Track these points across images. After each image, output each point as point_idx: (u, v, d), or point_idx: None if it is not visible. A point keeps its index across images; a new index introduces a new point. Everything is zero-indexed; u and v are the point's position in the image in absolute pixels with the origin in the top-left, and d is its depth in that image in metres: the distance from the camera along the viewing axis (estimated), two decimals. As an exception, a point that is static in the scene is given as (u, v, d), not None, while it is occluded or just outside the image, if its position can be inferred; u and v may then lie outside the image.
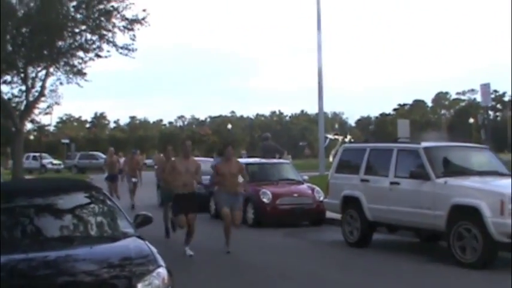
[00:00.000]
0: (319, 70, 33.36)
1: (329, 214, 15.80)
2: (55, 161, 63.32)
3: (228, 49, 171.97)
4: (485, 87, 21.69)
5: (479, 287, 9.43)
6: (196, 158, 14.51)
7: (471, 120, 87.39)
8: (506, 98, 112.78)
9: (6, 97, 32.25)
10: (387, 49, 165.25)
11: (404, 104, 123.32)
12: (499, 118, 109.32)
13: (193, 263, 11.50)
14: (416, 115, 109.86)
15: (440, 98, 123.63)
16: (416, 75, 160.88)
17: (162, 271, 5.90)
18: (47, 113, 35.89)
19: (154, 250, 6.25)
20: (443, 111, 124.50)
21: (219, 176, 12.62)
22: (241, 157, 25.54)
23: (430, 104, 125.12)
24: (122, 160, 25.65)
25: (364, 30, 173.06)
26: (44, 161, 60.33)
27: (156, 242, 7.17)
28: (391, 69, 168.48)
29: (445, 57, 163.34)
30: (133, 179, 22.47)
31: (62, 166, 60.90)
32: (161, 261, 6.04)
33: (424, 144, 12.23)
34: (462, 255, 10.54)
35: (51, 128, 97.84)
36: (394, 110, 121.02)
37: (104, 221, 7.09)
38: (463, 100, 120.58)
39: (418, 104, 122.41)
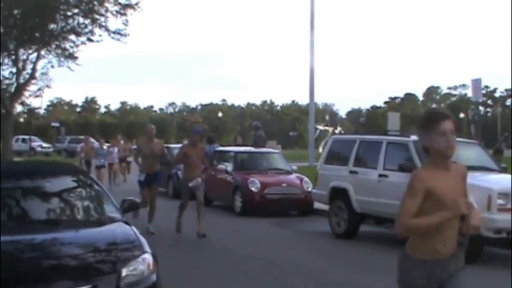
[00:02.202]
0: (311, 61, 33.33)
1: (317, 205, 15.85)
2: (44, 144, 63.02)
3: (221, 37, 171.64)
4: (477, 82, 21.79)
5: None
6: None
7: (462, 115, 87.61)
8: (497, 94, 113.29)
9: (-4, 79, 32.05)
10: (380, 41, 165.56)
11: (396, 98, 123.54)
12: (489, 114, 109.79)
13: (178, 249, 11.51)
14: (407, 109, 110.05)
15: (432, 92, 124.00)
16: (408, 68, 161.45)
17: (148, 257, 5.89)
18: (37, 96, 35.71)
19: (140, 236, 6.23)
20: (434, 106, 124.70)
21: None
22: (237, 144, 25.52)
23: (421, 98, 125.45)
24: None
25: (358, 21, 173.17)
26: (34, 144, 60.06)
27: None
28: (383, 62, 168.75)
29: (438, 51, 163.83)
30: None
31: (52, 149, 60.67)
32: (147, 247, 6.02)
33: (414, 137, 12.26)
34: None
35: (42, 111, 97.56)
36: (385, 103, 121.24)
37: (90, 205, 7.06)
38: (454, 95, 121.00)
39: (409, 97, 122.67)
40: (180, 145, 18.47)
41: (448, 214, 4.05)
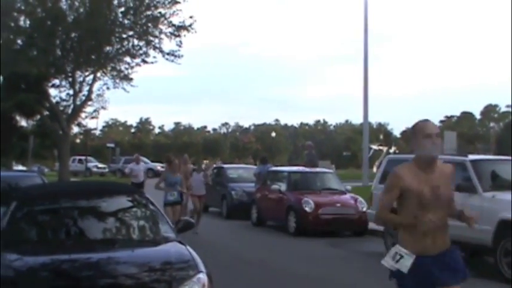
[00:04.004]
0: (364, 79, 33.12)
1: (372, 225, 15.62)
2: (100, 165, 64.12)
3: (274, 56, 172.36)
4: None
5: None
6: (238, 166, 15.30)
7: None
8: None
9: (54, 101, 32.83)
10: (436, 59, 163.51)
11: (452, 116, 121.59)
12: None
13: (233, 270, 11.47)
14: (464, 127, 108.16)
15: (490, 110, 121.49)
16: (465, 86, 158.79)
17: (203, 277, 5.87)
18: (93, 117, 36.49)
19: (195, 255, 6.22)
20: (492, 124, 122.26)
21: None
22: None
23: (478, 116, 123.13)
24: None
25: (413, 39, 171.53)
26: (89, 165, 61.16)
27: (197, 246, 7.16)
28: (439, 80, 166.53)
29: (496, 68, 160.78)
30: None
31: (107, 170, 61.64)
32: (202, 267, 6.01)
33: (471, 157, 12.00)
34: (509, 271, 10.28)
35: (97, 132, 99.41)
36: (441, 121, 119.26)
37: (145, 224, 7.12)
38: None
39: (466, 116, 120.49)
40: (233, 165, 18.66)
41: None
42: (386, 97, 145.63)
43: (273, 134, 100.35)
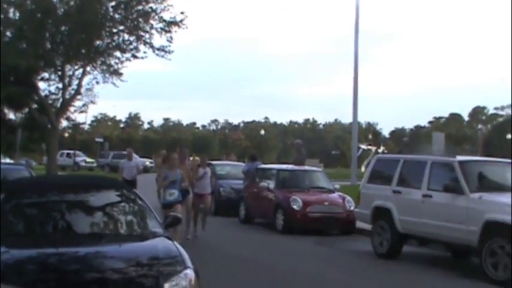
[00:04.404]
0: (355, 79, 33.18)
1: (359, 224, 15.67)
2: (88, 159, 63.93)
3: (265, 54, 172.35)
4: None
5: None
6: (227, 162, 15.34)
7: (509, 136, 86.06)
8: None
9: (43, 94, 32.68)
10: (425, 60, 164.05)
11: (440, 117, 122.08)
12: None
13: (221, 267, 11.48)
14: (452, 129, 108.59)
15: (478, 112, 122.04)
16: (454, 88, 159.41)
17: (190, 272, 5.88)
18: (82, 111, 36.27)
19: (182, 251, 6.23)
20: (480, 126, 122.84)
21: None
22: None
23: (466, 118, 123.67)
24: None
25: (402, 39, 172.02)
26: (78, 159, 60.97)
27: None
28: (427, 81, 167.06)
29: (485, 70, 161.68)
30: None
31: (95, 164, 61.48)
32: (189, 263, 6.02)
33: (459, 158, 12.07)
34: (494, 272, 10.35)
35: (86, 127, 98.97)
36: (429, 122, 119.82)
37: (133, 219, 7.11)
38: (501, 115, 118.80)
39: (454, 117, 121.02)
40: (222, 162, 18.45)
41: None
42: (375, 97, 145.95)
43: (262, 132, 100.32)
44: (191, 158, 20.61)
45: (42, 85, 32.92)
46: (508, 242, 10.14)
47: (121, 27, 31.47)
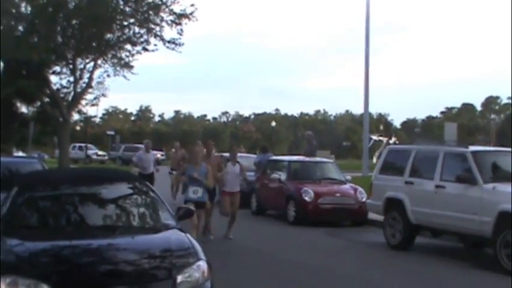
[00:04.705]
0: (366, 70, 33.09)
1: (371, 215, 15.64)
2: (100, 152, 64.25)
3: (275, 46, 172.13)
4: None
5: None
6: (239, 154, 15.17)
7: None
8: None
9: (54, 87, 32.78)
10: (437, 50, 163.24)
11: (452, 108, 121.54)
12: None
13: (233, 259, 11.50)
14: (465, 119, 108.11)
15: (490, 102, 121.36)
16: (466, 78, 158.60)
17: (202, 264, 5.89)
18: (93, 105, 36.40)
19: (195, 243, 6.24)
20: (493, 116, 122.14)
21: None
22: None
23: (479, 108, 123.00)
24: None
25: (415, 30, 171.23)
26: (89, 152, 61.27)
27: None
28: (440, 71, 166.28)
29: (498, 60, 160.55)
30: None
31: (107, 157, 61.77)
32: (202, 255, 6.02)
33: (472, 148, 12.00)
34: (509, 263, 10.29)
35: (97, 120, 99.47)
36: (442, 113, 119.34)
37: (146, 212, 7.12)
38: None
39: (467, 107, 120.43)
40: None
41: None
42: (387, 88, 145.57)
43: (273, 124, 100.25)
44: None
45: (53, 79, 33.03)
46: (522, 233, 10.08)
47: (131, 20, 31.44)
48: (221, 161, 14.16)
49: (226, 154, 16.04)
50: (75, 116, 41.31)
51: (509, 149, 13.24)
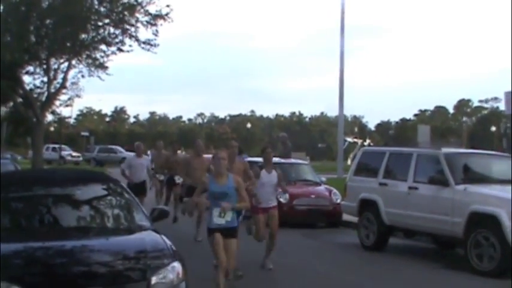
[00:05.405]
0: (340, 73, 33.24)
1: (346, 217, 15.73)
2: (74, 153, 63.70)
3: (251, 47, 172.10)
4: (509, 95, 21.47)
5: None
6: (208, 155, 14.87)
7: (493, 128, 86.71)
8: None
9: (28, 87, 32.46)
10: (410, 54, 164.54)
11: (426, 110, 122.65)
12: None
13: (207, 260, 11.48)
14: (438, 121, 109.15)
15: (463, 105, 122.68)
16: (439, 81, 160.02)
17: (177, 265, 5.90)
18: (67, 105, 36.11)
19: (170, 244, 6.24)
20: (464, 119, 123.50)
21: None
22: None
23: (451, 110, 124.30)
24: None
25: (388, 33, 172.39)
26: (63, 153, 60.70)
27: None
28: (413, 75, 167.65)
29: (470, 64, 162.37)
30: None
31: (81, 158, 61.25)
32: (177, 256, 6.03)
33: (445, 150, 12.14)
34: (479, 263, 10.44)
35: (72, 120, 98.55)
36: (415, 115, 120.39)
37: (120, 213, 7.11)
38: (486, 108, 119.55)
39: (440, 110, 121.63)
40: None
41: None
42: (361, 90, 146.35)
43: (249, 125, 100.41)
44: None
45: (27, 79, 32.70)
46: (493, 233, 10.23)
47: (106, 21, 31.24)
48: (247, 167, 10.61)
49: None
50: (49, 117, 40.95)
51: (481, 151, 13.44)
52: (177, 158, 16.66)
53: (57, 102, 34.13)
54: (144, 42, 31.15)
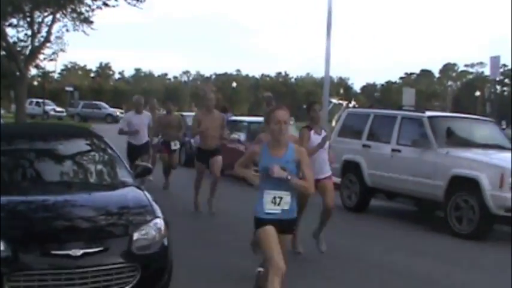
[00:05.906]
0: (327, 33, 33.01)
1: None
2: (58, 108, 63.22)
3: (237, 5, 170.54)
4: (495, 60, 21.57)
5: (473, 257, 9.46)
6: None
7: (478, 93, 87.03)
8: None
9: (11, 40, 32.03)
10: (397, 15, 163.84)
11: (411, 73, 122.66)
12: (506, 93, 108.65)
13: (188, 218, 11.55)
14: (423, 85, 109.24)
15: (448, 69, 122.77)
16: (425, 44, 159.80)
17: (159, 222, 5.92)
18: (51, 60, 35.69)
19: (152, 201, 6.25)
20: (450, 83, 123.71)
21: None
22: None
23: (437, 74, 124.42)
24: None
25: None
26: (47, 108, 60.21)
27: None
28: (399, 37, 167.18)
29: (456, 27, 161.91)
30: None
31: (65, 114, 60.86)
32: (159, 212, 6.05)
33: (429, 113, 12.19)
34: (458, 226, 10.60)
35: (56, 75, 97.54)
36: (401, 78, 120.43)
37: (103, 169, 7.10)
38: (471, 73, 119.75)
39: (425, 74, 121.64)
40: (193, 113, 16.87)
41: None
42: (348, 51, 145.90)
43: (234, 84, 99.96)
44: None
45: (10, 31, 32.27)
46: (473, 197, 10.36)
47: (92, -26, 30.81)
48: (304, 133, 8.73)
49: (190, 113, 14.29)
50: (33, 71, 40.47)
51: (464, 115, 13.51)
52: (172, 118, 15.08)
53: (41, 56, 33.79)
54: (130, -3, 30.76)
